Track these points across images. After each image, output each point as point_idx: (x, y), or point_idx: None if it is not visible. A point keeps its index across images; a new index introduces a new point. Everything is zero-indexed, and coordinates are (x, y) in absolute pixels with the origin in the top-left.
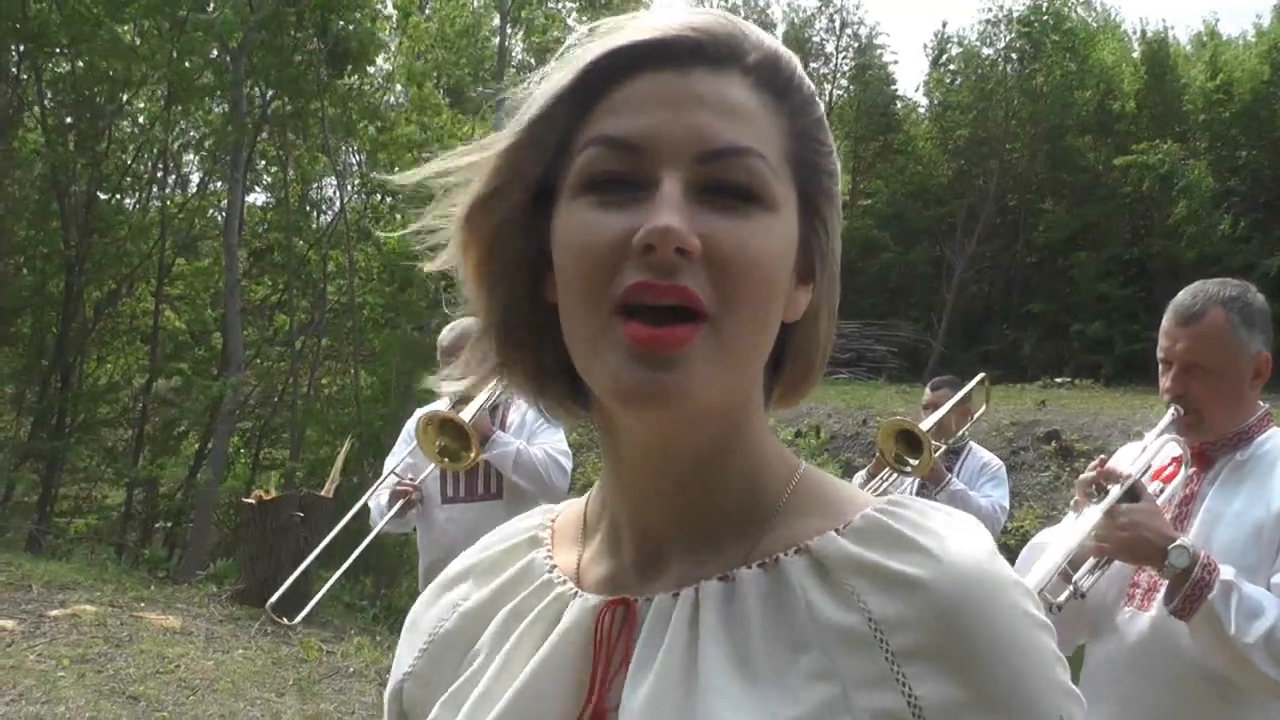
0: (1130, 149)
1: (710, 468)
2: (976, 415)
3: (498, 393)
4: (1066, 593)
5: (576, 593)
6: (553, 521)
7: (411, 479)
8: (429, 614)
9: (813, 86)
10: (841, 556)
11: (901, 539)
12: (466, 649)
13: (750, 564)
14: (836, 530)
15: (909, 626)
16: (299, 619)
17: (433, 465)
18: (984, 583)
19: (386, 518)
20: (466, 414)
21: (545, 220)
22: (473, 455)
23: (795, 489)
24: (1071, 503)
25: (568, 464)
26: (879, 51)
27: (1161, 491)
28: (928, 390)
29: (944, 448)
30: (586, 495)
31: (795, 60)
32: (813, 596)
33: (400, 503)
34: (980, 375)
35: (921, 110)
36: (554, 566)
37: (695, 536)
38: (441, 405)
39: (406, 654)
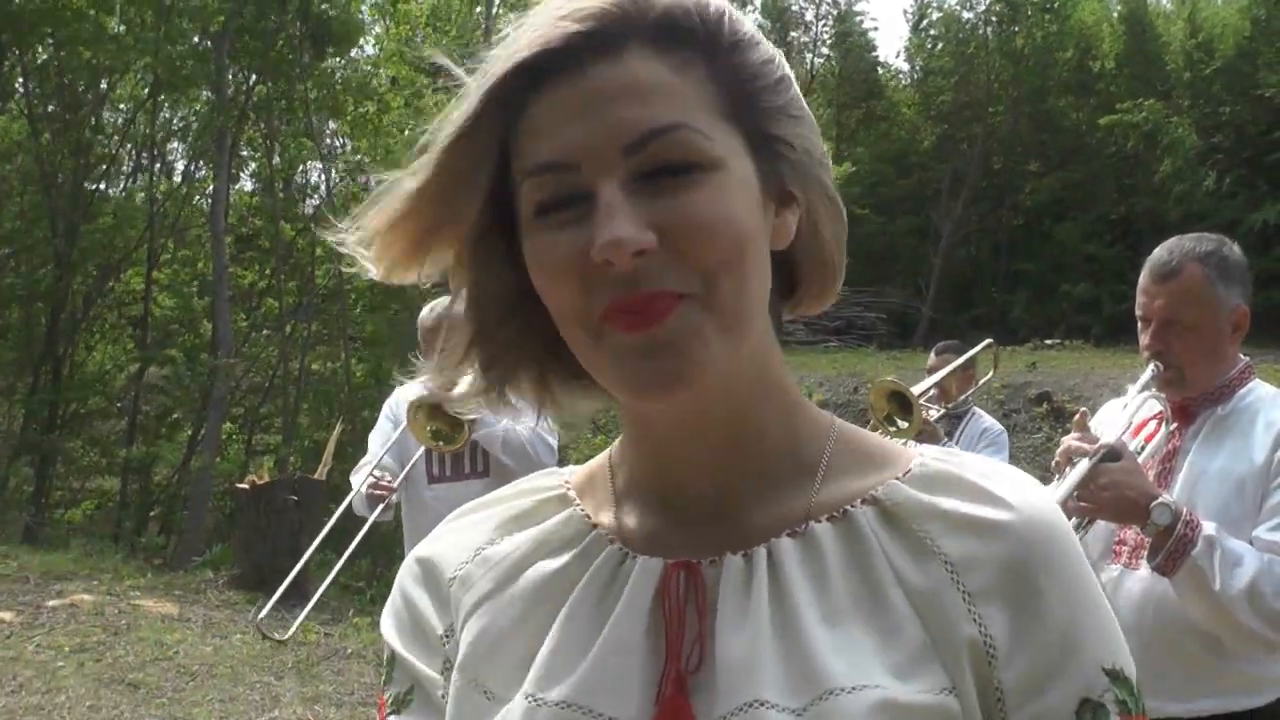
0: (1113, 109)
1: (745, 423)
2: (982, 381)
3: None
4: None
5: (628, 552)
6: (567, 482)
7: (390, 479)
8: (446, 553)
9: (722, 6)
10: (913, 504)
11: (973, 487)
12: (491, 595)
13: (819, 518)
14: (899, 478)
15: (984, 567)
16: (289, 633)
17: (421, 448)
18: (1055, 532)
19: (371, 520)
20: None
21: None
22: (465, 436)
23: (836, 440)
24: (1053, 464)
25: (554, 442)
26: (859, 19)
27: (1143, 449)
28: (932, 355)
29: (944, 411)
30: (606, 455)
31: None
32: (887, 545)
33: (380, 507)
34: (987, 341)
35: (903, 77)
36: (595, 525)
37: (745, 493)
38: (418, 387)
39: (418, 591)
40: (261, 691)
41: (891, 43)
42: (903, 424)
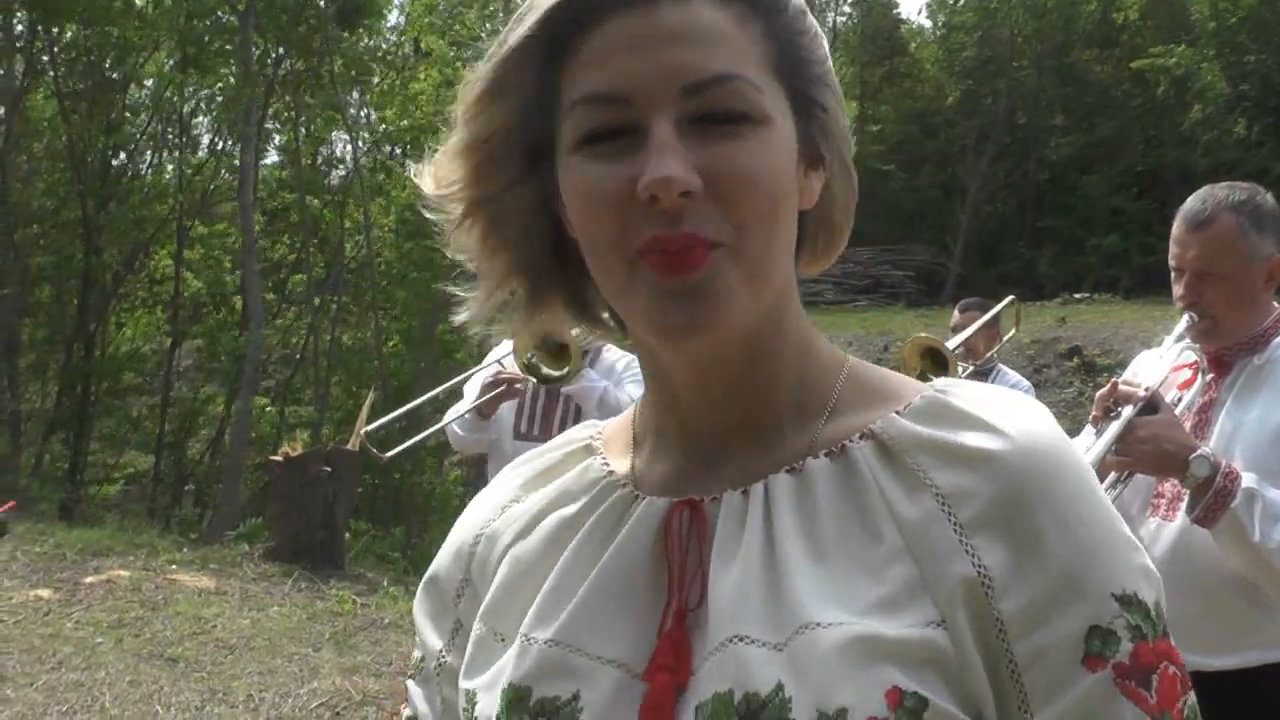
0: (1133, 62)
1: (757, 368)
2: (1006, 338)
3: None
4: None
5: (638, 494)
6: (600, 432)
7: (514, 371)
8: (473, 517)
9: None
10: (906, 436)
11: (965, 415)
12: (510, 546)
13: (817, 454)
14: (897, 412)
15: (975, 498)
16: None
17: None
18: (1052, 455)
19: (475, 401)
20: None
21: (550, 172)
22: (563, 376)
23: (847, 379)
24: (1090, 417)
25: None
26: None
27: (1179, 400)
28: (956, 312)
29: (971, 369)
30: (631, 409)
31: None
32: (881, 479)
33: (500, 389)
34: (1009, 298)
35: (926, 33)
36: (611, 471)
37: (753, 434)
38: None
39: (449, 563)
40: (300, 663)
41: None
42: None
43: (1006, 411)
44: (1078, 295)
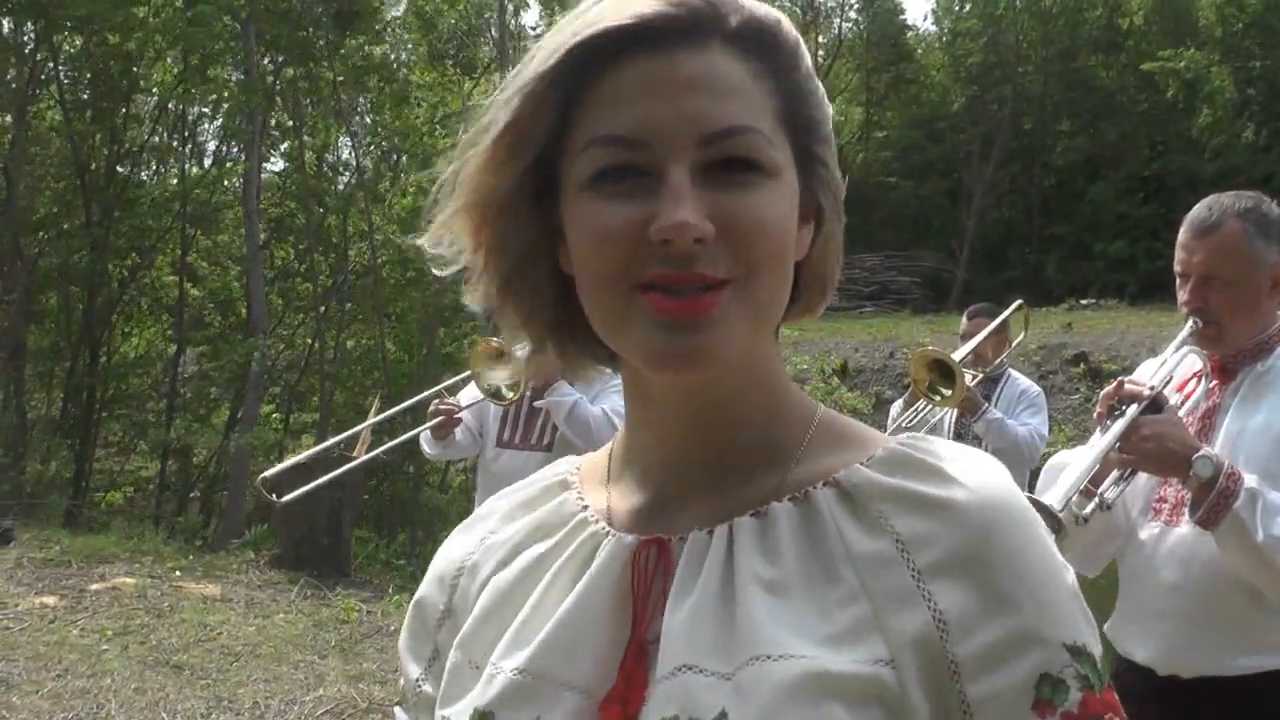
0: (1143, 65)
1: (731, 409)
2: (1014, 343)
3: None
4: (1092, 505)
5: (609, 531)
6: (578, 468)
7: (454, 402)
8: (457, 548)
9: (796, 35)
10: (869, 485)
11: (927, 466)
12: (490, 578)
13: (781, 498)
14: (862, 463)
15: (934, 544)
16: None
17: (498, 410)
18: (1008, 508)
19: (425, 431)
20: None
21: (551, 203)
22: (515, 395)
23: (817, 427)
24: (1095, 415)
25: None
26: None
27: (1183, 406)
28: (964, 319)
29: (981, 375)
30: (610, 442)
31: (776, 15)
32: (843, 525)
33: (439, 419)
34: (1017, 303)
35: (932, 39)
36: (586, 506)
37: (722, 475)
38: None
39: (433, 590)
40: (305, 670)
41: (919, 5)
42: (946, 392)
43: (967, 465)
44: (1084, 301)
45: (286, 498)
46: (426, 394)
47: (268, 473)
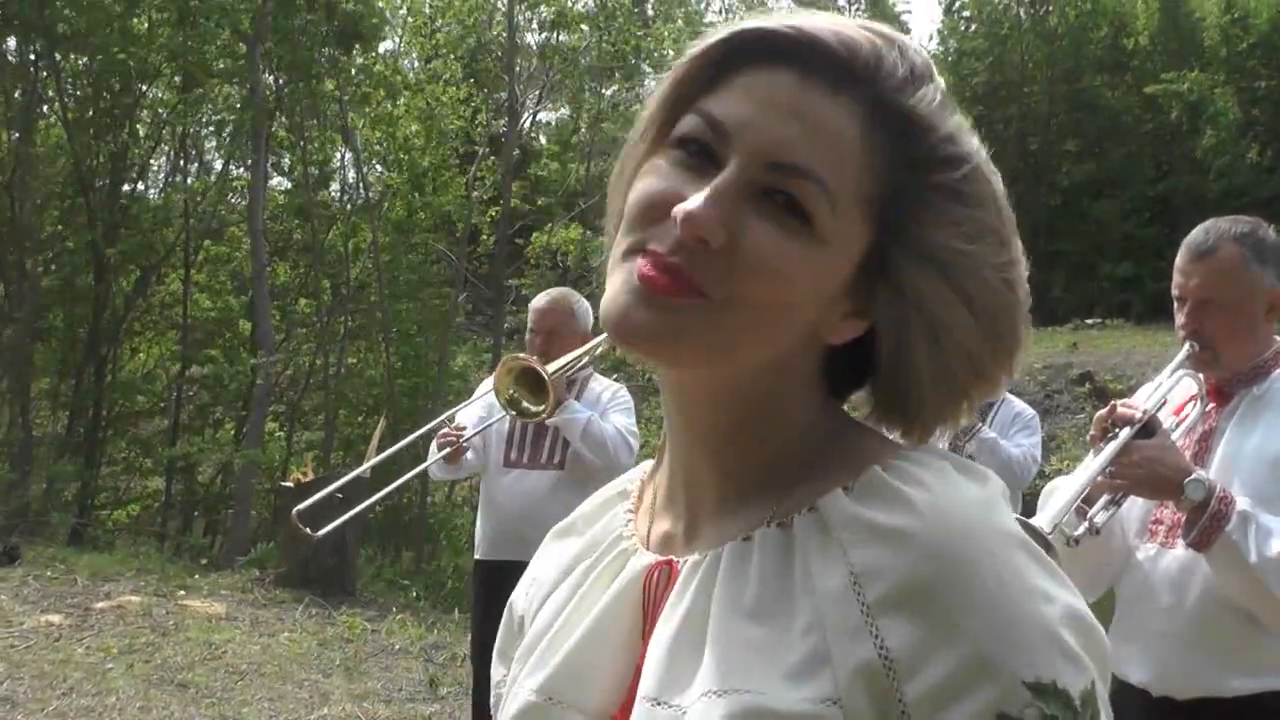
0: (1147, 87)
1: (742, 433)
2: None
3: (583, 362)
4: (1082, 528)
5: (636, 550)
6: (641, 479)
7: (460, 427)
8: (540, 555)
9: (967, 155)
10: (839, 512)
11: (893, 492)
12: (550, 592)
13: (771, 524)
14: (844, 488)
15: (884, 578)
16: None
17: (501, 419)
18: (968, 533)
19: (432, 459)
20: (550, 369)
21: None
22: (543, 411)
23: (825, 448)
24: (1088, 438)
25: (635, 444)
26: (891, 1)
27: (1177, 428)
28: None
29: None
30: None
31: (948, 123)
32: (812, 553)
33: (446, 450)
34: None
35: (937, 59)
36: (630, 521)
37: (729, 499)
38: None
39: (520, 595)
40: (310, 689)
41: (924, 25)
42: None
43: (938, 490)
44: (1089, 321)
45: (322, 531)
46: (433, 424)
47: (300, 506)
